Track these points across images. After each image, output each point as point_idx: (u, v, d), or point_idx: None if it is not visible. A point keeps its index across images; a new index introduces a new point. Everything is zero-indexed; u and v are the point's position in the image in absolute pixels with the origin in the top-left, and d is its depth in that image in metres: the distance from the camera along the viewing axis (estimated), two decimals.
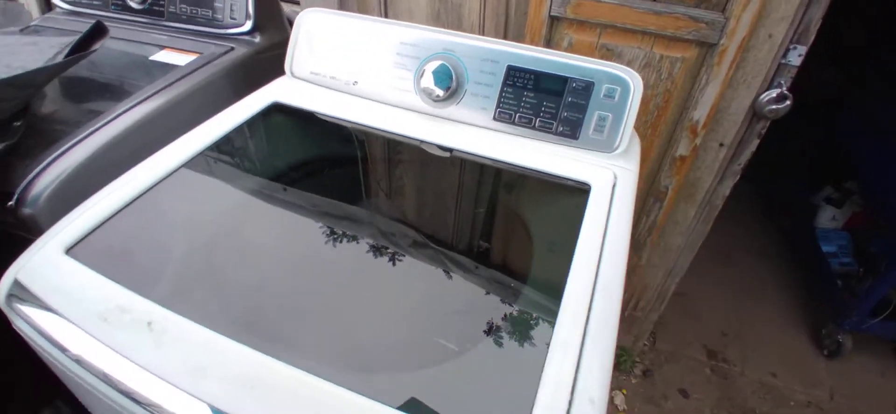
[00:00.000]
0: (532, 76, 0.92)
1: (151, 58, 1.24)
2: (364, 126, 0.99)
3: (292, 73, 1.09)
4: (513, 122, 0.94)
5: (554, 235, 0.83)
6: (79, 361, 0.56)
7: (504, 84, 0.94)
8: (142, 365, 0.53)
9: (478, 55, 0.95)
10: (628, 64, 1.21)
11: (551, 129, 0.92)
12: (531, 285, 0.72)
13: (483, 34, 1.41)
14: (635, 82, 0.88)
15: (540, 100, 0.92)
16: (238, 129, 0.95)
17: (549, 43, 1.29)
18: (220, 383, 0.51)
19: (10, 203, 0.76)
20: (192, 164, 0.85)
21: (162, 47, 1.29)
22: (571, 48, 1.26)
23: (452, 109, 0.97)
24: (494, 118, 0.95)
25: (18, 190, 0.77)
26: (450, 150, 0.93)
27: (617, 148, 0.89)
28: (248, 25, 1.35)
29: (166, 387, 0.52)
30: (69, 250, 0.64)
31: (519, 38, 1.37)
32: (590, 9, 1.18)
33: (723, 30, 1.08)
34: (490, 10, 1.36)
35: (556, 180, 0.87)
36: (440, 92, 0.96)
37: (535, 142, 0.93)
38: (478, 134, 0.95)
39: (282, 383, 0.52)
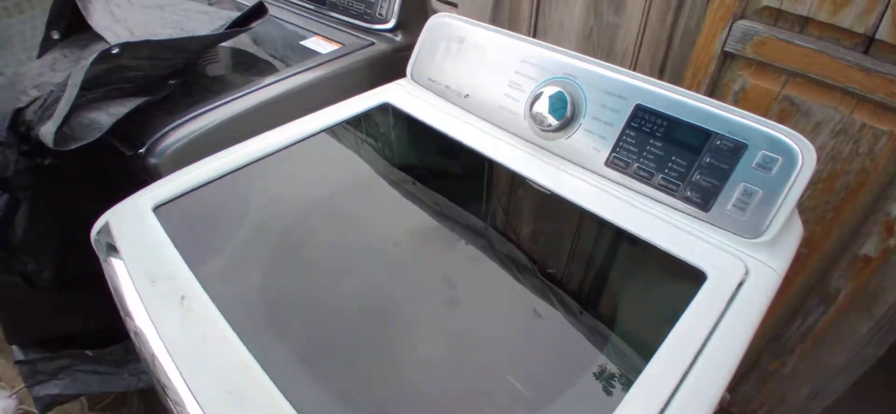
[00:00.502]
0: (664, 122, 0.75)
1: (301, 42, 1.34)
2: (460, 143, 0.92)
3: (411, 76, 1.08)
4: (627, 172, 0.78)
5: (646, 318, 0.66)
6: (126, 312, 0.59)
7: (627, 125, 0.79)
8: (162, 336, 0.54)
9: (602, 86, 0.81)
10: (816, 127, 0.94)
11: (676, 191, 0.74)
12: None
13: (636, 62, 1.23)
14: (807, 155, 0.66)
15: (669, 152, 0.75)
16: (344, 124, 0.96)
17: (715, 85, 1.07)
18: (211, 387, 0.50)
19: (140, 150, 0.86)
20: (292, 150, 0.87)
21: (313, 34, 1.39)
22: (744, 95, 1.03)
23: (561, 142, 0.85)
24: (606, 162, 0.80)
25: (150, 140, 0.87)
26: (549, 190, 0.81)
27: (762, 234, 0.68)
28: (392, 23, 1.38)
29: (172, 365, 0.52)
30: (156, 208, 0.70)
31: (677, 73, 1.16)
32: (777, 50, 0.94)
33: None
34: (649, 35, 1.18)
35: (667, 253, 0.69)
36: (553, 121, 0.84)
37: (652, 202, 0.76)
38: (584, 177, 0.81)
39: None
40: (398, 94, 1.04)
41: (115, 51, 0.84)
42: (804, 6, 0.89)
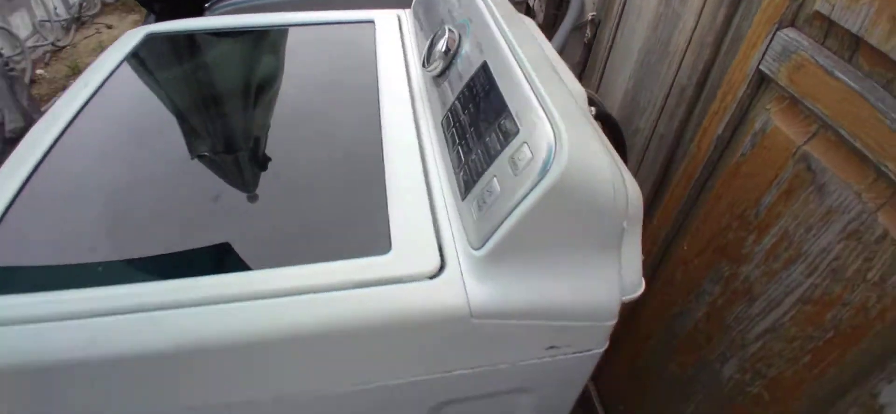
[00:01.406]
0: (488, 85, 0.57)
1: None
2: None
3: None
4: (448, 132, 0.62)
5: None
6: None
7: (470, 80, 0.62)
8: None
9: (478, 34, 0.65)
10: (826, 217, 0.60)
11: (459, 166, 0.56)
12: None
13: (679, 67, 0.93)
14: (558, 158, 0.43)
15: (477, 122, 0.57)
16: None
17: (742, 117, 0.75)
18: None
19: None
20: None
21: None
22: (762, 141, 0.70)
23: (437, 88, 0.72)
24: (442, 121, 0.65)
25: None
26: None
27: (479, 248, 0.48)
28: None
29: None
30: None
31: (713, 92, 0.85)
32: (813, 81, 0.61)
33: None
34: (698, 35, 0.88)
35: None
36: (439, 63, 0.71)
37: (443, 173, 0.59)
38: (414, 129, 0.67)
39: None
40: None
41: None
42: (857, 18, 0.55)
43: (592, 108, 0.80)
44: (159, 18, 1.54)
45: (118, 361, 0.44)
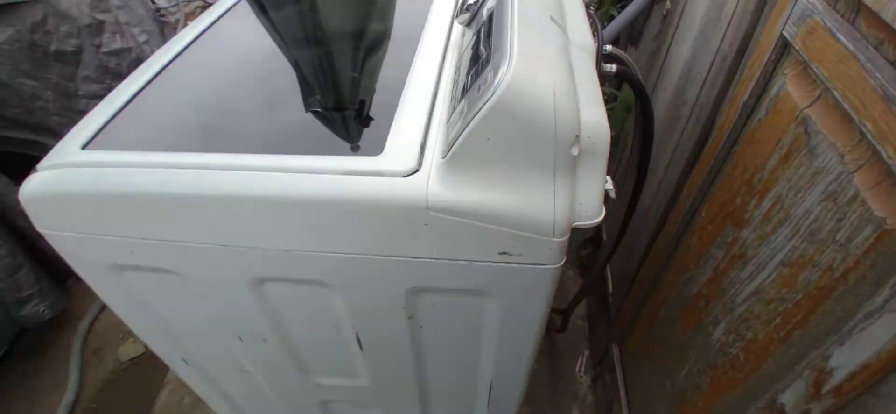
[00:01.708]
0: (490, 22, 0.64)
1: None
2: None
3: None
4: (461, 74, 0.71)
5: None
6: None
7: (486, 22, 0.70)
8: None
9: None
10: (814, 178, 0.60)
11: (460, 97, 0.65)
12: None
13: (726, 30, 0.91)
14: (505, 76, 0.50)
15: (478, 62, 0.65)
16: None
17: (766, 83, 0.74)
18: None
19: None
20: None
21: None
22: (774, 107, 0.70)
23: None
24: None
25: None
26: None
27: (444, 155, 0.57)
28: None
29: None
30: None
31: (747, 61, 0.84)
32: (820, 44, 0.60)
33: None
34: (742, 3, 0.86)
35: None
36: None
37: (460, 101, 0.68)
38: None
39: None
40: None
41: None
42: None
43: (613, 67, 0.83)
44: None
45: (193, 198, 0.61)
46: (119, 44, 2.02)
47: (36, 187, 0.67)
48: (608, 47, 0.87)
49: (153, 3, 2.59)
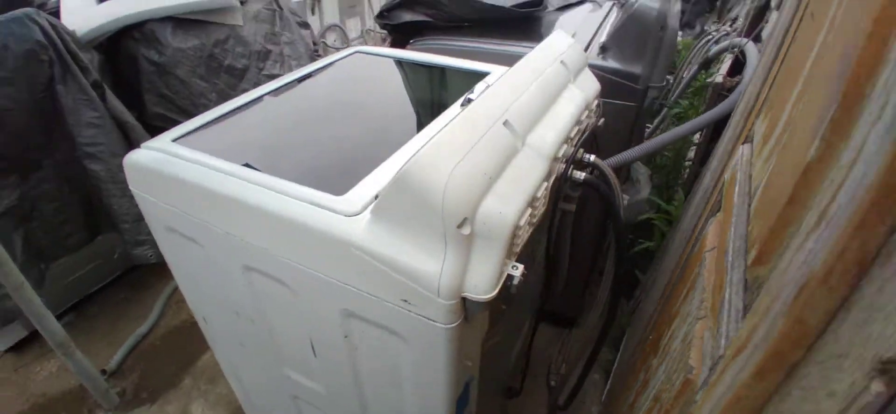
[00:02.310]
0: None
1: None
2: None
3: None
4: None
5: None
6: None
7: None
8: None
9: None
10: (686, 314, 0.63)
11: None
12: None
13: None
14: None
15: None
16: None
17: (708, 219, 0.78)
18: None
19: None
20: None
21: None
22: (700, 240, 0.74)
23: None
24: None
25: None
26: None
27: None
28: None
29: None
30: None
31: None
32: (729, 196, 0.65)
33: None
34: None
35: None
36: None
37: None
38: None
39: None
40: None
41: None
42: None
43: (585, 171, 0.91)
44: (393, 43, 2.11)
45: (212, 192, 0.85)
46: (277, 70, 2.50)
47: (133, 158, 0.96)
48: (591, 158, 0.96)
49: (314, 44, 3.16)
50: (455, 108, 1.04)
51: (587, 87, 1.08)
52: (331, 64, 1.40)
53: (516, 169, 0.77)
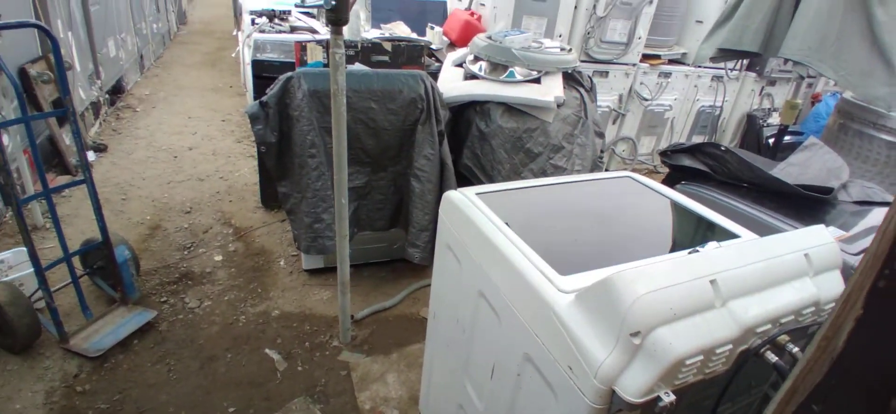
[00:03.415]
0: None
1: None
2: None
3: None
4: None
5: None
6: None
7: None
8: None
9: None
10: None
11: None
12: None
13: None
14: None
15: None
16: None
17: None
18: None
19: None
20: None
21: None
22: None
23: None
24: None
25: None
26: None
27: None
28: None
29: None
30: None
31: None
32: None
33: None
34: None
35: None
36: None
37: None
38: None
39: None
40: None
41: None
42: None
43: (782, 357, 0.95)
44: (666, 179, 2.29)
45: (478, 237, 1.26)
46: (563, 163, 2.88)
47: (450, 195, 1.44)
48: (794, 349, 0.98)
49: (601, 152, 3.53)
50: (684, 252, 1.20)
51: (827, 288, 1.08)
52: (604, 179, 1.71)
53: (706, 321, 0.91)
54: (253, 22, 3.44)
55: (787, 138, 3.66)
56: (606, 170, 4.69)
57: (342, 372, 2.29)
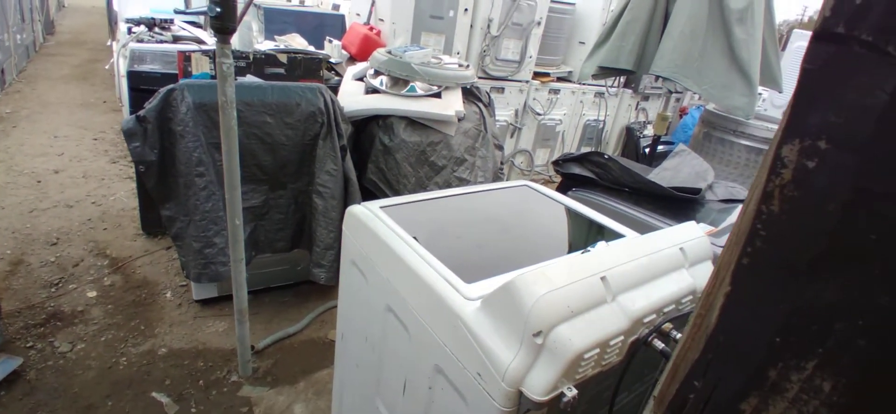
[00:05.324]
0: None
1: None
2: None
3: None
4: None
5: None
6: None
7: None
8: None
9: None
10: None
11: None
12: None
13: None
14: None
15: None
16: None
17: None
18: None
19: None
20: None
21: None
22: None
23: None
24: None
25: None
26: None
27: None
28: None
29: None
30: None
31: None
32: None
33: None
34: None
35: None
36: None
37: None
38: None
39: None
40: None
41: None
42: None
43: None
44: (560, 186, 2.44)
45: (381, 245, 1.23)
46: (466, 175, 2.95)
47: (353, 209, 1.39)
48: (678, 335, 1.09)
49: (502, 163, 3.68)
50: (578, 253, 1.28)
51: (701, 278, 1.21)
52: (504, 188, 1.76)
53: (600, 316, 0.97)
54: (130, 31, 3.12)
55: (660, 147, 4.10)
56: (506, 180, 4.93)
57: (243, 409, 2.12)
